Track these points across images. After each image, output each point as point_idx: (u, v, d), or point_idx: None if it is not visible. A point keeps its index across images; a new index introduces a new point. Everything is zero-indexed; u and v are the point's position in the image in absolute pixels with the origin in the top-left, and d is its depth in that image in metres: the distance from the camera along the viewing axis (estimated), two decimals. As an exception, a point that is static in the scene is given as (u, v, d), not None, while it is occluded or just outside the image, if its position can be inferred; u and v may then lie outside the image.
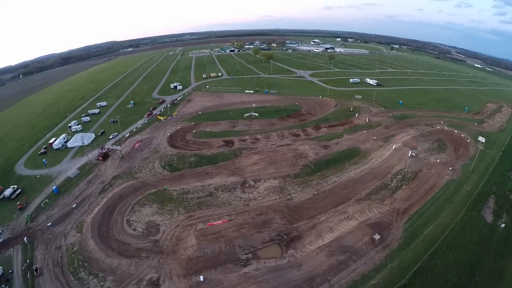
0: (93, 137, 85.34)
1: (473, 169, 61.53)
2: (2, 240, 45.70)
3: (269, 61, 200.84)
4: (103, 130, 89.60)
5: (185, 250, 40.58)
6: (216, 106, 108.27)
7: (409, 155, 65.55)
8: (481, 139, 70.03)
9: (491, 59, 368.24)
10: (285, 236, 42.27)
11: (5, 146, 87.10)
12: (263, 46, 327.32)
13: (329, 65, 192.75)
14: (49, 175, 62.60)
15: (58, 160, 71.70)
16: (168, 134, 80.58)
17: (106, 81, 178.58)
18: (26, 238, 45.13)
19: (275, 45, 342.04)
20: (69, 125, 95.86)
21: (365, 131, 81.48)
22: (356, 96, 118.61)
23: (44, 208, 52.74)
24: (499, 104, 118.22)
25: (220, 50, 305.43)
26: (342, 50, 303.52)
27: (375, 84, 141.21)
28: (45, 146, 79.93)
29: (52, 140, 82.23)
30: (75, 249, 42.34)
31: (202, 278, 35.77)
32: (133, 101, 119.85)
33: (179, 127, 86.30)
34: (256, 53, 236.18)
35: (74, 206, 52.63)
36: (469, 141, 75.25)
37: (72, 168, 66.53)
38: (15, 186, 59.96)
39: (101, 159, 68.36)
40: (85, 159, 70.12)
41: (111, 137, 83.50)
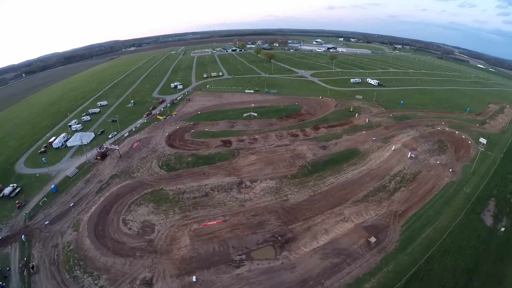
0: (92, 136, 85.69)
1: (473, 171, 60.67)
2: (1, 238, 46.10)
3: (270, 60, 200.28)
4: (102, 130, 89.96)
5: (179, 250, 40.53)
6: (216, 106, 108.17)
7: (408, 156, 64.83)
8: (482, 140, 68.98)
9: (494, 59, 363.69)
10: (279, 238, 41.97)
11: (6, 145, 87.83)
12: (265, 45, 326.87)
13: (330, 65, 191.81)
14: (48, 174, 63.02)
15: (57, 159, 72.14)
16: (167, 134, 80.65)
17: (107, 80, 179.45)
18: (23, 236, 45.49)
19: (277, 44, 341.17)
20: (69, 124, 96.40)
21: (364, 131, 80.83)
22: (357, 96, 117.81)
23: (42, 207, 53.13)
24: (501, 105, 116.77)
25: (222, 49, 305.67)
26: (344, 50, 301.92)
27: (376, 84, 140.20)
28: (45, 145, 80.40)
29: (52, 139, 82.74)
30: (71, 247, 42.63)
31: (194, 278, 35.70)
32: (133, 101, 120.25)
33: (178, 127, 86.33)
34: (257, 53, 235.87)
35: (72, 205, 52.85)
36: (470, 142, 74.26)
37: (71, 167, 66.86)
38: (15, 184, 60.40)
39: (100, 158, 68.62)
40: (84, 158, 70.45)
41: (110, 136, 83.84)
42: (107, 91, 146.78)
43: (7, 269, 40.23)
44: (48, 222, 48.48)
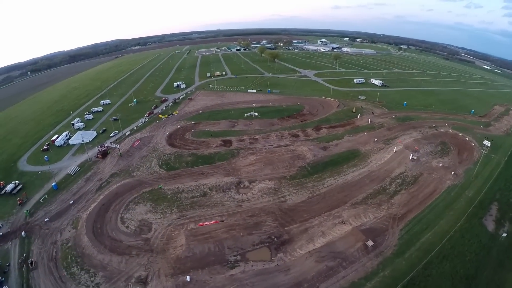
0: (94, 134, 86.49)
1: (476, 174, 59.36)
2: (2, 234, 46.86)
3: (274, 60, 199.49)
4: (104, 128, 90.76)
5: (175, 250, 40.64)
6: (218, 105, 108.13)
7: (410, 158, 63.82)
8: (486, 143, 67.41)
9: (500, 60, 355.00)
10: (275, 239, 41.69)
11: (10, 142, 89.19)
12: (269, 45, 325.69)
13: (334, 65, 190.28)
14: (50, 171, 63.92)
15: (59, 157, 73.06)
16: (168, 133, 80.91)
17: (111, 79, 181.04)
18: (24, 233, 46.20)
19: (281, 44, 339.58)
20: (72, 122, 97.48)
21: (366, 132, 79.84)
22: (360, 96, 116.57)
23: (43, 204, 53.85)
24: (507, 107, 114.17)
25: (226, 49, 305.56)
26: (349, 50, 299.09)
27: (380, 85, 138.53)
28: (47, 143, 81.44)
29: (54, 137, 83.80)
30: (69, 244, 43.22)
31: (188, 278, 35.76)
32: (136, 99, 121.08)
33: (179, 126, 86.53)
34: (262, 52, 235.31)
35: (72, 202, 53.46)
36: (473, 144, 72.80)
37: (72, 165, 67.62)
38: (17, 181, 61.32)
39: (100, 156, 69.22)
40: (85, 156, 71.15)
41: (111, 135, 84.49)
42: (110, 90, 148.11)
43: (7, 264, 40.94)
44: (48, 219, 49.14)
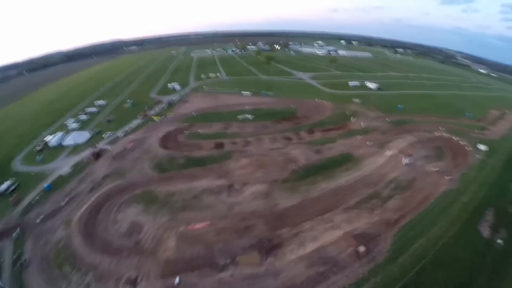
0: (88, 136, 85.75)
1: (471, 179, 59.11)
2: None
3: (270, 62, 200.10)
4: (98, 129, 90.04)
5: (165, 252, 40.40)
6: (212, 107, 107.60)
7: (404, 162, 63.86)
8: (482, 147, 67.53)
9: (496, 64, 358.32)
10: (266, 243, 41.34)
11: (5, 142, 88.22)
12: (265, 47, 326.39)
13: (330, 68, 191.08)
14: (43, 172, 63.57)
15: (53, 158, 72.41)
16: (161, 135, 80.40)
17: (107, 79, 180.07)
18: (16, 232, 46.12)
19: (278, 47, 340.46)
20: (65, 123, 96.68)
21: (360, 136, 79.86)
22: (355, 99, 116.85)
23: (35, 205, 53.57)
24: (502, 111, 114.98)
25: (222, 50, 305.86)
26: (345, 52, 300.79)
27: (376, 88, 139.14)
28: (42, 144, 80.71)
29: (49, 138, 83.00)
30: (61, 244, 43.19)
31: (178, 280, 35.63)
32: (130, 101, 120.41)
33: (172, 128, 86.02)
34: (258, 54, 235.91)
35: (64, 203, 53.10)
36: (469, 149, 73.09)
37: (66, 166, 67.06)
38: (10, 181, 60.92)
39: (93, 158, 68.63)
40: (78, 157, 70.57)
41: (104, 136, 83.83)
42: (106, 91, 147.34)
43: (1, 260, 40.93)
44: (40, 219, 48.99)
